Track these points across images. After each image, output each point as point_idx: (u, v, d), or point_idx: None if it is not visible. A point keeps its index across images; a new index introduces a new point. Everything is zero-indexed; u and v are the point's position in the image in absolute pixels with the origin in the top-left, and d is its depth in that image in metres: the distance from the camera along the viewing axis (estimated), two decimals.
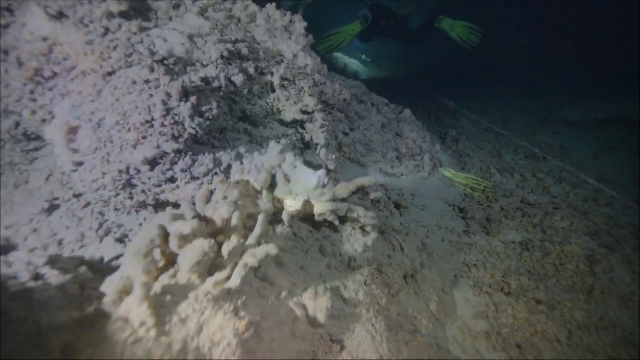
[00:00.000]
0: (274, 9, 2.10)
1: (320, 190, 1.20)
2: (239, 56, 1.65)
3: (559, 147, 4.57)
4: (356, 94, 3.45)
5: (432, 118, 5.90)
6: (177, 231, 0.97)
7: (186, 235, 0.97)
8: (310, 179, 1.16)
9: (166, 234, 0.98)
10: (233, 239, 1.00)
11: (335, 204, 1.25)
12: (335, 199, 1.24)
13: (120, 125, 1.39)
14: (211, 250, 0.92)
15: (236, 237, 1.01)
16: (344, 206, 1.27)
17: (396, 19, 7.16)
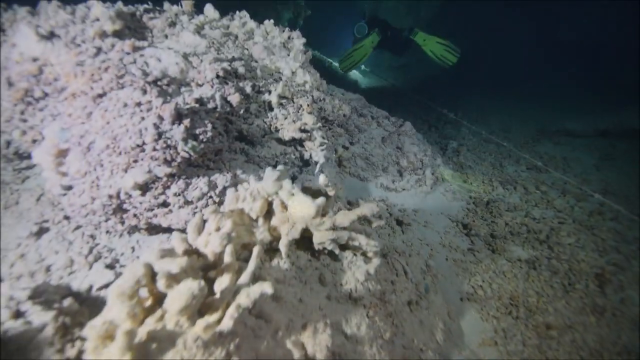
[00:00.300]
0: (272, 26, 2.06)
1: (319, 219, 1.13)
2: (235, 75, 1.60)
3: (560, 158, 4.51)
4: (356, 107, 3.41)
5: (432, 129, 5.86)
6: (165, 270, 0.89)
7: (174, 274, 0.90)
8: (308, 208, 1.09)
9: (153, 273, 0.90)
10: (225, 278, 0.93)
11: (336, 233, 1.18)
12: (335, 228, 1.17)
13: (110, 148, 1.32)
14: (201, 293, 0.84)
15: (228, 276, 0.93)
16: (344, 234, 1.20)
17: (392, 31, 7.27)
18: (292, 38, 2.09)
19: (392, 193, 2.98)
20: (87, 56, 1.42)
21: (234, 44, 1.84)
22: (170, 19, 1.79)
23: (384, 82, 10.98)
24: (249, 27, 2.00)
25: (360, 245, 1.25)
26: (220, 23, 1.99)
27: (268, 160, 1.83)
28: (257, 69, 1.70)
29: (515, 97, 7.68)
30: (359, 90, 10.04)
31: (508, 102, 7.37)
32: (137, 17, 1.72)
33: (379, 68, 12.86)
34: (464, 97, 8.40)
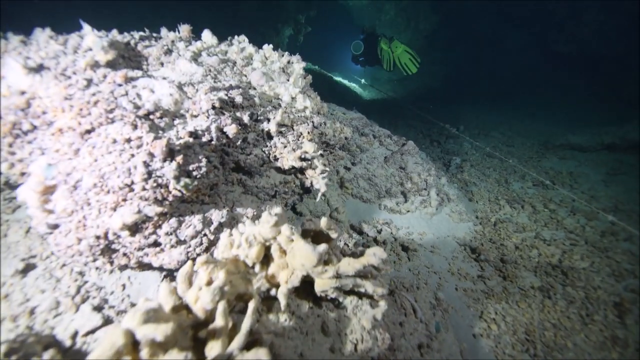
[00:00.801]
0: (271, 50, 2.01)
1: (322, 267, 1.03)
2: (232, 104, 1.52)
3: (567, 173, 4.40)
4: (357, 126, 3.34)
5: (434, 144, 5.79)
6: (148, 338, 0.79)
7: (159, 342, 0.79)
8: (309, 257, 0.98)
9: (135, 341, 0.80)
10: (216, 345, 0.82)
11: (339, 281, 1.07)
12: (339, 276, 1.06)
13: (98, 187, 1.24)
14: None
15: (219, 341, 0.82)
16: (349, 281, 1.09)
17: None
18: (292, 62, 2.03)
19: (396, 215, 2.87)
20: (76, 89, 1.35)
21: (232, 71, 1.77)
22: (166, 46, 1.73)
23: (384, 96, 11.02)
24: (248, 53, 1.95)
25: (367, 292, 1.14)
26: (218, 49, 1.93)
27: (267, 190, 1.74)
28: (255, 97, 1.62)
29: (516, 109, 7.63)
30: (361, 103, 10.06)
31: (509, 115, 7.31)
32: (132, 45, 1.67)
33: (378, 82, 12.94)
34: (464, 110, 8.36)
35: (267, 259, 1.15)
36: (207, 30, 1.96)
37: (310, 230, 1.12)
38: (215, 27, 7.16)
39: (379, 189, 2.94)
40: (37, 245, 1.83)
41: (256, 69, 1.83)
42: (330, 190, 2.69)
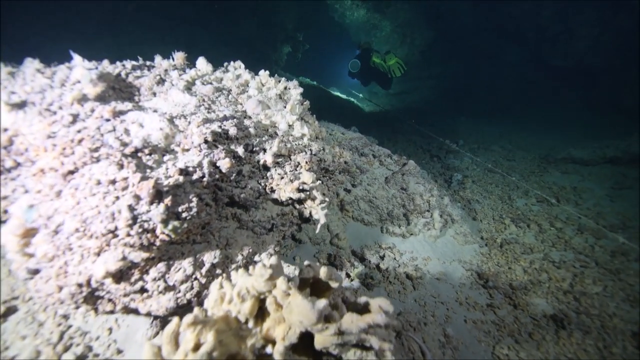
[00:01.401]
0: (267, 77, 1.95)
1: (322, 324, 0.92)
2: (226, 137, 1.45)
3: (570, 188, 4.31)
4: (356, 146, 3.27)
5: (434, 159, 5.72)
6: None
7: None
8: (308, 315, 0.88)
9: None
10: None
11: (342, 337, 0.96)
12: (341, 333, 0.95)
13: (81, 232, 1.15)
14: None
15: None
16: (352, 337, 0.98)
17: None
18: (289, 89, 1.98)
19: (399, 239, 2.76)
20: (61, 125, 1.27)
21: (227, 100, 1.71)
22: (158, 75, 1.67)
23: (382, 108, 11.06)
24: (244, 80, 1.89)
25: (372, 346, 1.03)
26: (213, 76, 1.88)
27: (263, 224, 1.64)
28: (250, 127, 1.55)
29: (515, 123, 7.61)
30: (360, 116, 10.07)
31: (508, 128, 7.29)
32: (123, 76, 1.61)
33: (376, 95, 13.03)
34: (463, 123, 8.35)
35: (261, 312, 1.04)
36: (201, 57, 1.91)
37: (308, 279, 1.02)
38: (215, 47, 7.33)
39: (381, 211, 2.84)
40: (21, 284, 1.72)
41: (252, 97, 1.77)
42: (331, 214, 2.60)
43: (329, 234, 2.47)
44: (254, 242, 1.58)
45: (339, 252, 2.33)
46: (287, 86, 1.97)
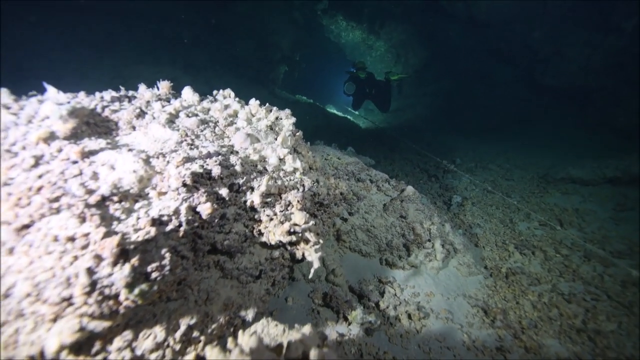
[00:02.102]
0: (257, 106, 1.84)
1: None
2: (208, 177, 1.31)
3: (572, 210, 4.18)
4: (353, 172, 3.14)
5: (432, 179, 5.61)
6: None
7: None
8: None
9: None
10: None
11: None
12: None
13: (33, 297, 0.98)
14: None
15: None
16: None
17: (377, 86, 7.83)
18: (280, 119, 1.86)
19: (399, 271, 2.58)
20: (21, 170, 1.13)
21: (213, 133, 1.58)
22: (138, 108, 1.54)
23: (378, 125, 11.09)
24: (232, 110, 1.77)
25: None
26: (199, 107, 1.76)
27: (250, 270, 1.47)
28: (236, 165, 1.41)
29: (511, 141, 7.58)
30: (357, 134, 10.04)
31: (504, 147, 7.24)
32: (98, 110, 1.48)
33: (372, 113, 13.11)
34: (458, 141, 8.32)
35: None
36: (187, 87, 1.80)
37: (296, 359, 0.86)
38: (212, 67, 7.28)
39: (379, 241, 2.68)
40: None
41: (240, 129, 1.65)
42: (326, 247, 2.43)
43: (324, 270, 2.29)
44: (239, 292, 1.40)
45: (335, 291, 2.15)
46: (278, 116, 1.85)
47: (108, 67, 6.41)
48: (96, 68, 6.39)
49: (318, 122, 9.54)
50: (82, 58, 6.32)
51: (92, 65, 6.29)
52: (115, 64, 6.43)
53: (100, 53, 6.48)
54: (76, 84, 6.52)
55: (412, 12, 8.94)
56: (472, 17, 7.33)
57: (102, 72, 6.42)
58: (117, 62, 6.60)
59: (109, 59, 6.46)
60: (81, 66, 6.26)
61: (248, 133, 1.60)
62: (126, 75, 6.28)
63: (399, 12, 9.06)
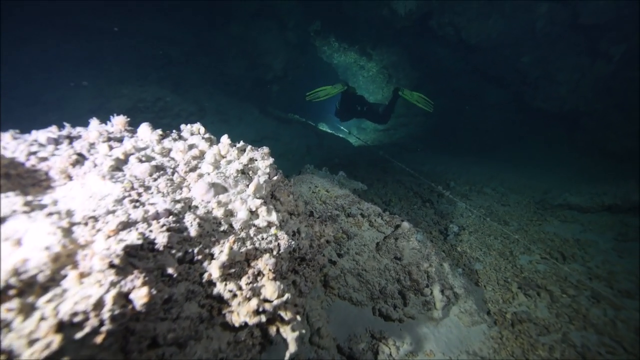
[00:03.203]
0: (227, 146, 1.56)
1: None
2: (151, 249, 1.01)
3: (573, 241, 3.95)
4: (343, 206, 2.87)
5: (426, 204, 5.37)
6: None
7: None
8: None
9: None
10: None
11: None
12: None
13: None
14: None
15: None
16: None
17: (368, 105, 8.14)
18: (255, 160, 1.59)
19: (395, 324, 2.27)
20: None
21: (170, 182, 1.30)
22: (74, 155, 1.25)
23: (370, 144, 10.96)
24: (198, 151, 1.50)
25: None
26: (158, 148, 1.48)
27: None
28: (192, 227, 1.12)
29: (503, 163, 7.46)
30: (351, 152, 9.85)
31: (497, 169, 7.10)
32: (21, 160, 1.19)
33: (364, 131, 13.03)
34: (451, 162, 8.17)
35: None
36: (145, 124, 1.53)
37: None
38: (202, 86, 6.99)
39: (372, 287, 2.37)
40: None
41: (204, 176, 1.36)
42: (311, 298, 2.11)
43: (308, 328, 1.96)
44: None
45: (321, 355, 1.82)
46: (253, 157, 1.58)
47: (90, 85, 6.14)
48: (77, 87, 6.12)
49: (310, 142, 9.34)
50: (63, 76, 6.05)
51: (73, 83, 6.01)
52: (98, 83, 6.17)
53: (82, 71, 6.22)
54: (54, 104, 6.21)
55: (403, 35, 9.00)
56: (462, 41, 7.35)
57: (85, 91, 6.14)
58: (101, 81, 6.35)
59: (92, 77, 6.21)
60: (62, 84, 5.98)
61: (212, 182, 1.31)
62: (108, 94, 6.01)
63: (390, 34, 9.12)
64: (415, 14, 7.34)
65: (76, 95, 5.96)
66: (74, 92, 5.91)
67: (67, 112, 5.67)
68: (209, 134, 1.71)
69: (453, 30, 7.46)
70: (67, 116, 6.63)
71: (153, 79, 6.89)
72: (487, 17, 6.85)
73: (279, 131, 8.80)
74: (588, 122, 6.62)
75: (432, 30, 7.67)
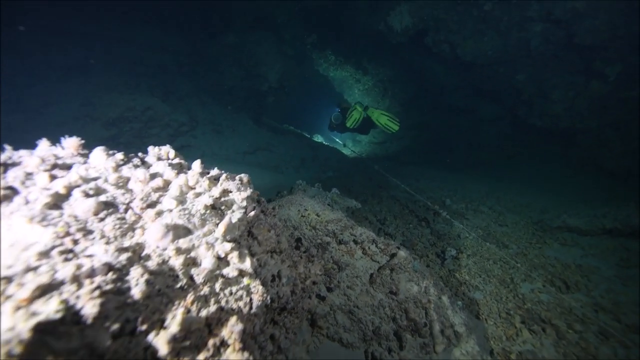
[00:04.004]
0: (198, 175, 1.33)
1: None
2: (75, 321, 0.77)
3: (575, 266, 3.76)
4: (334, 231, 2.64)
5: (422, 223, 5.16)
6: None
7: None
8: None
9: None
10: None
11: None
12: None
13: None
14: None
15: None
16: None
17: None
18: (230, 191, 1.36)
19: None
20: None
21: (119, 222, 1.06)
22: (5, 188, 1.02)
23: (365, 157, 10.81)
24: (162, 181, 1.27)
25: None
26: (113, 177, 1.24)
27: None
28: (136, 286, 0.88)
29: (498, 180, 7.33)
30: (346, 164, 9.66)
31: (492, 186, 6.96)
32: None
33: (359, 144, 12.90)
34: (446, 177, 8.01)
35: None
36: (99, 149, 1.29)
37: None
38: (196, 95, 6.75)
39: (365, 327, 2.12)
40: None
41: (163, 215, 1.13)
42: (295, 345, 1.85)
43: None
44: None
45: None
46: (227, 188, 1.35)
47: (77, 93, 5.89)
48: (63, 94, 5.86)
49: (304, 154, 9.15)
50: (48, 82, 5.80)
51: (58, 90, 5.76)
52: (85, 90, 5.92)
53: (69, 78, 5.97)
54: (37, 111, 5.94)
55: (399, 50, 8.97)
56: (458, 58, 7.31)
57: (70, 98, 5.89)
58: (90, 88, 6.10)
59: (79, 85, 5.96)
60: (47, 91, 5.72)
61: (170, 224, 1.08)
62: (96, 102, 5.77)
63: (386, 49, 9.09)
64: (411, 30, 7.30)
65: (61, 102, 5.70)
66: (58, 99, 5.66)
67: (51, 119, 5.40)
68: (179, 159, 1.48)
69: (448, 47, 7.43)
70: (50, 123, 6.33)
71: (144, 88, 6.67)
72: (483, 34, 6.82)
73: (273, 142, 8.60)
74: (583, 140, 6.55)
75: (427, 47, 7.64)
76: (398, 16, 7.07)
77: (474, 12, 6.41)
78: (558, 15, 5.36)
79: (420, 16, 6.99)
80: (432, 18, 6.97)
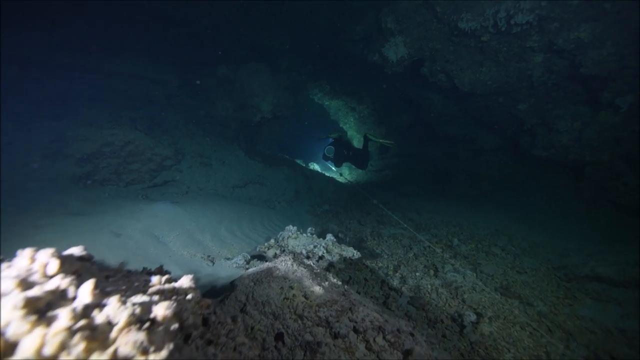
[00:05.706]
0: (90, 292, 0.71)
1: None
2: None
3: (618, 333, 3.08)
4: (327, 319, 1.97)
5: (430, 271, 4.44)
6: None
7: None
8: None
9: None
10: None
11: None
12: None
13: None
14: None
15: None
16: None
17: (354, 150, 8.49)
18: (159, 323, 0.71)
19: None
20: None
21: None
22: None
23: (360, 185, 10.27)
24: None
25: None
26: None
27: None
28: None
29: (506, 213, 6.74)
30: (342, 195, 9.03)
31: (500, 220, 6.35)
32: None
33: (356, 171, 12.41)
34: (449, 210, 7.43)
35: None
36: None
37: None
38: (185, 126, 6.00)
39: None
40: None
41: None
42: None
43: None
44: None
45: None
46: None
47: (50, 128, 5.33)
48: (34, 128, 5.30)
49: (298, 186, 8.56)
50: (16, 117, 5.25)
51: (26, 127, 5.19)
52: (59, 125, 5.38)
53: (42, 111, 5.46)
54: (2, 149, 5.36)
55: (395, 80, 8.71)
56: (455, 87, 7.00)
57: (41, 132, 5.32)
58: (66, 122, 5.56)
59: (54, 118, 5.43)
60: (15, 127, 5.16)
61: None
62: (69, 137, 5.18)
63: (381, 78, 8.84)
64: (407, 61, 7.03)
65: (30, 138, 5.12)
66: (26, 135, 5.08)
67: (16, 158, 4.79)
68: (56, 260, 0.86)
69: (445, 77, 7.13)
70: (15, 164, 5.74)
71: (125, 121, 6.15)
72: (480, 65, 6.53)
73: (265, 174, 8.03)
74: (594, 173, 6.04)
75: (424, 76, 7.34)
76: (393, 47, 6.81)
77: (471, 43, 6.14)
78: (561, 45, 5.04)
79: (415, 47, 6.73)
80: (428, 49, 6.71)
